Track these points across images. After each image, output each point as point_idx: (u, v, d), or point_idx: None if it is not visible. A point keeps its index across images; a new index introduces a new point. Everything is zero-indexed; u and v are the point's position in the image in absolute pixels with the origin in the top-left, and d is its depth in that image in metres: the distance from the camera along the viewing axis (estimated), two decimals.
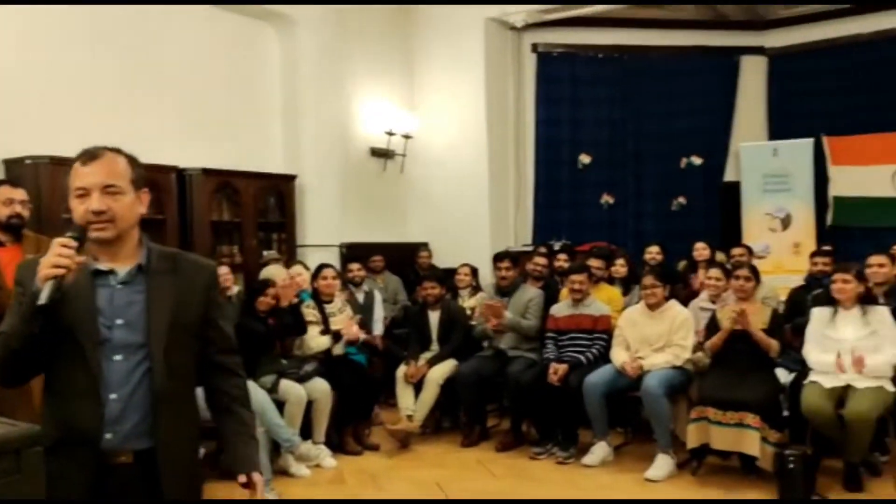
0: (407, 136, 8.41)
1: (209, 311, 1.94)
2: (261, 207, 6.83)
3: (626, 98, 9.31)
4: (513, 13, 8.54)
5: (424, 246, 7.96)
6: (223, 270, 5.25)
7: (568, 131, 9.21)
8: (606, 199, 9.26)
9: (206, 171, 6.20)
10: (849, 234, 8.64)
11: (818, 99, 9.11)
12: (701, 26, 9.33)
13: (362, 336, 5.37)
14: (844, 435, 4.08)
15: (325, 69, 7.59)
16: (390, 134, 8.23)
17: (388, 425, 5.12)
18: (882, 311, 4.26)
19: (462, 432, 5.29)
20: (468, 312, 5.83)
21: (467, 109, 8.57)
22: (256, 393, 4.39)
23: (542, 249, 7.21)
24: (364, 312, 6.07)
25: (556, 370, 4.78)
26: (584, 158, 9.22)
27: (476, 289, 6.45)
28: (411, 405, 5.15)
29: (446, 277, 6.14)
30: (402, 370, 5.25)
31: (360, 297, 6.24)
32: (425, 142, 8.67)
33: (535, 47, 9.17)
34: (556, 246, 8.03)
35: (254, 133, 7.18)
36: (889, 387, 4.13)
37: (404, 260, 7.77)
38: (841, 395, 4.12)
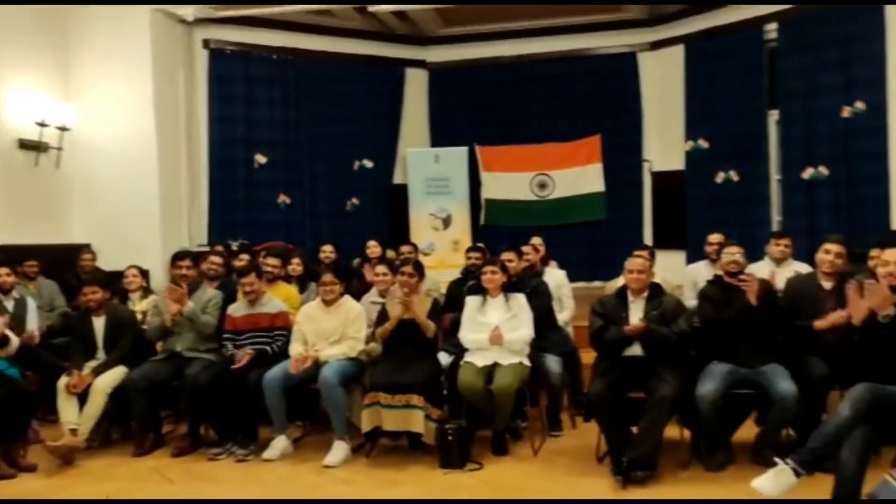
0: (63, 129, 7.74)
1: None
2: None
3: (301, 100, 9.54)
4: (181, 6, 8.28)
5: (87, 247, 7.37)
6: None
7: (243, 130, 9.18)
8: (283, 198, 9.39)
9: None
10: (498, 232, 9.77)
11: (472, 111, 10.18)
12: (370, 37, 9.89)
13: (16, 341, 4.85)
14: (492, 407, 4.68)
15: None
16: (42, 125, 7.50)
17: (48, 442, 4.70)
18: (520, 298, 4.96)
19: (134, 441, 5.03)
20: (139, 316, 5.58)
21: (134, 103, 8.13)
22: None
23: (219, 248, 7.10)
24: (15, 322, 5.48)
25: (243, 357, 4.83)
26: (260, 158, 9.26)
27: (147, 291, 6.19)
28: (75, 418, 4.77)
29: (111, 280, 5.79)
30: (63, 381, 4.84)
31: (10, 305, 5.63)
32: (87, 135, 8.06)
33: (206, 43, 8.98)
34: (234, 245, 7.98)
35: None
36: (526, 362, 4.83)
37: (64, 263, 7.14)
38: (490, 372, 4.72)
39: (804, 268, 5.32)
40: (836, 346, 4.19)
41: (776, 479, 3.22)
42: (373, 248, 7.03)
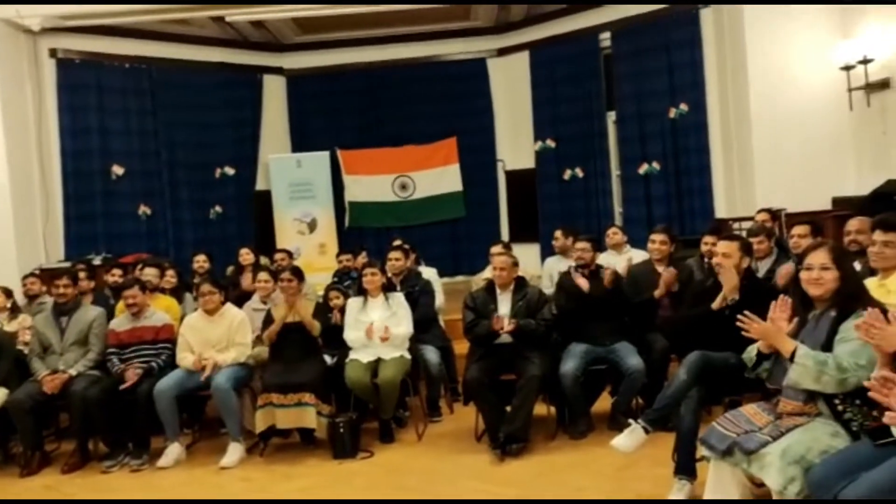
0: None
1: None
2: None
3: (157, 109, 9.43)
4: (28, 16, 8.01)
5: None
6: None
7: (97, 141, 8.98)
8: (144, 209, 9.27)
9: None
10: (363, 233, 10.14)
11: (331, 116, 10.44)
12: (226, 44, 9.93)
13: None
14: (378, 398, 5.04)
15: None
16: None
17: None
18: (399, 297, 5.35)
19: (18, 463, 5.00)
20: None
21: None
22: None
23: (81, 266, 6.98)
24: None
25: (132, 376, 4.92)
26: (118, 169, 9.09)
27: (14, 311, 6.04)
28: None
29: None
30: None
31: None
32: None
33: (53, 53, 8.71)
34: (97, 260, 7.85)
35: None
36: (407, 355, 5.22)
37: None
38: (374, 367, 5.07)
39: (640, 253, 6.06)
40: (673, 323, 4.87)
41: (630, 437, 3.79)
42: (245, 255, 7.15)
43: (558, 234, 6.70)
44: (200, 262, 6.96)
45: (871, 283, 3.35)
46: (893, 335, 2.46)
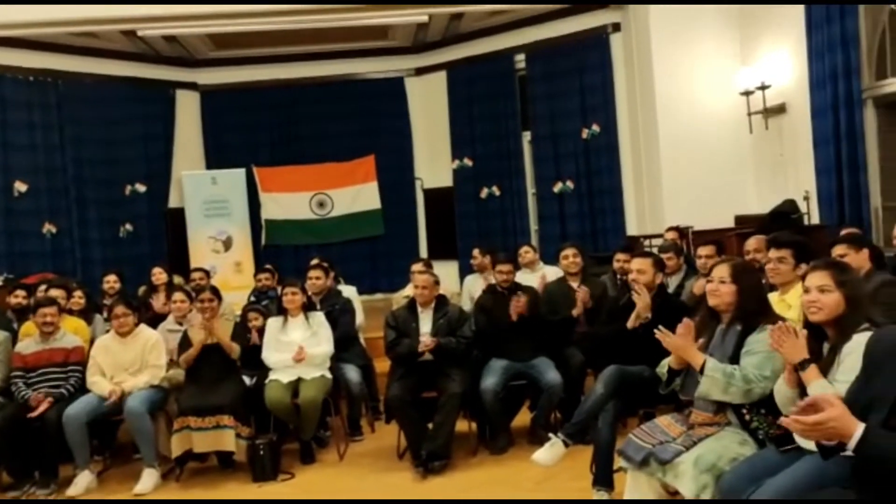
0: None
1: None
2: None
3: (64, 124, 9.12)
4: None
5: None
6: None
7: None
8: (49, 227, 8.91)
9: None
10: (280, 251, 10.01)
11: (247, 133, 10.30)
12: (137, 59, 9.67)
13: None
14: (299, 419, 4.99)
15: None
16: None
17: None
18: (319, 316, 5.31)
19: None
20: None
21: None
22: None
23: None
24: None
25: (41, 404, 4.71)
26: (21, 186, 8.72)
27: None
28: None
29: None
30: None
31: None
32: None
33: None
34: None
35: None
36: (328, 375, 5.19)
37: None
38: (295, 387, 5.02)
39: (554, 270, 6.21)
40: (589, 338, 5.02)
41: (550, 450, 3.88)
42: (158, 275, 6.92)
43: (476, 252, 6.77)
44: (111, 282, 6.72)
45: (772, 298, 3.55)
46: (797, 346, 2.63)
